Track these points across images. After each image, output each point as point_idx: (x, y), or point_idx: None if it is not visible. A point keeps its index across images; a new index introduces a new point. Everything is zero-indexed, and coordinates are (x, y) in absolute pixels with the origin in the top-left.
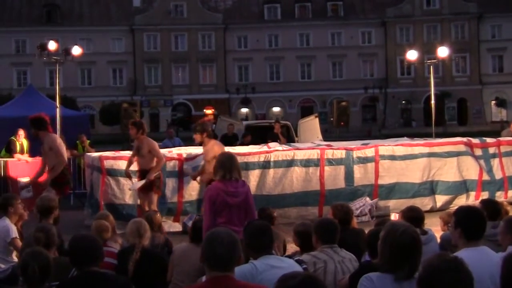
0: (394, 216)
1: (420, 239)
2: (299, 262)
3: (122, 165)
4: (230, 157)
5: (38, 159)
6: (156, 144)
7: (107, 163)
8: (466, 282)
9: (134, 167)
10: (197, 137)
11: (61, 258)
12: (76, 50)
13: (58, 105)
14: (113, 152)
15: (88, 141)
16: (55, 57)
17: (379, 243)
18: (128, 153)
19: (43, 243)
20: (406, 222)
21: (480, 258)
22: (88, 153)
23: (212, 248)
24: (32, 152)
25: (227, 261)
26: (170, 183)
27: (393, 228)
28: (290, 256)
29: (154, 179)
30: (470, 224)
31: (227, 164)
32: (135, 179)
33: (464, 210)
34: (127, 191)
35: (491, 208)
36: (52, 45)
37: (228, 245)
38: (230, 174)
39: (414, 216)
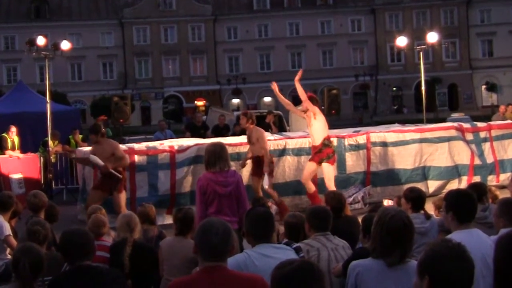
0: (387, 203)
1: (411, 224)
2: (297, 250)
3: None
4: (219, 147)
5: (29, 155)
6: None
7: None
8: (468, 268)
9: None
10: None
11: (54, 253)
12: (65, 45)
13: (48, 101)
14: None
15: (81, 136)
16: (44, 53)
17: (372, 228)
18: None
19: (43, 235)
20: (398, 207)
21: (472, 240)
22: (80, 148)
23: (206, 238)
24: (23, 149)
25: (220, 251)
26: (162, 175)
27: (384, 212)
28: (288, 244)
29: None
30: (461, 207)
31: (216, 155)
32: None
33: (454, 194)
34: None
35: (478, 191)
36: (41, 41)
37: (221, 235)
38: (219, 165)
39: (416, 197)
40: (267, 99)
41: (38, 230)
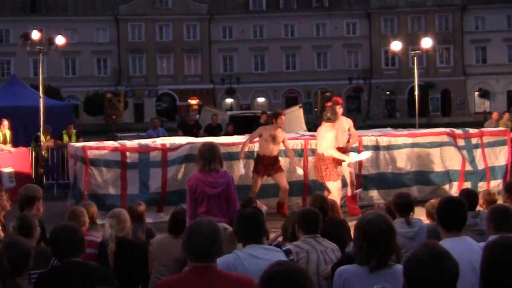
0: (377, 206)
1: (389, 229)
2: (287, 252)
3: (105, 155)
4: (210, 147)
5: (21, 150)
6: None
7: (91, 153)
8: (448, 277)
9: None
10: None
11: (42, 247)
12: (60, 40)
13: (41, 95)
14: (96, 142)
15: (75, 131)
16: (38, 47)
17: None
18: (112, 143)
19: (31, 229)
20: (379, 212)
21: (460, 249)
22: (72, 143)
23: (194, 238)
24: (15, 143)
25: (208, 251)
26: (154, 174)
27: (362, 217)
28: (278, 245)
29: None
30: (447, 215)
31: (207, 155)
32: None
33: (442, 201)
34: (111, 181)
35: (469, 198)
36: (35, 35)
37: (209, 236)
38: (210, 165)
39: (403, 202)
40: (261, 99)
41: (25, 224)
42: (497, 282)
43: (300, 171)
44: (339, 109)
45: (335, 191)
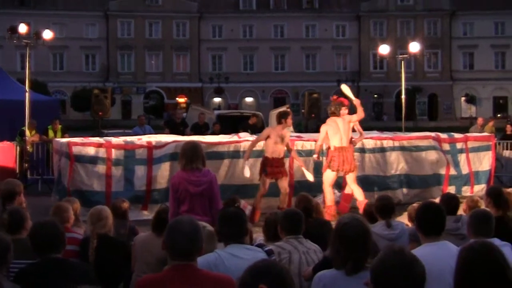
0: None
1: (366, 232)
2: (269, 253)
3: (90, 151)
4: (193, 146)
5: (5, 144)
6: None
7: (76, 149)
8: (413, 282)
9: None
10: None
11: (24, 240)
12: (47, 34)
13: (27, 89)
14: (82, 138)
15: (60, 127)
16: (25, 40)
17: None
18: (97, 140)
19: (12, 222)
20: (356, 216)
21: (439, 253)
22: (57, 139)
23: (174, 237)
24: (0, 137)
25: (188, 250)
26: (139, 171)
27: (339, 221)
28: (260, 245)
29: None
30: (425, 220)
31: (189, 153)
32: None
33: (421, 207)
34: (95, 177)
35: (450, 202)
36: (22, 28)
37: (189, 235)
38: (192, 164)
39: (384, 204)
40: (249, 99)
41: (17, 216)
42: (470, 286)
43: (306, 173)
44: (345, 110)
45: (326, 182)
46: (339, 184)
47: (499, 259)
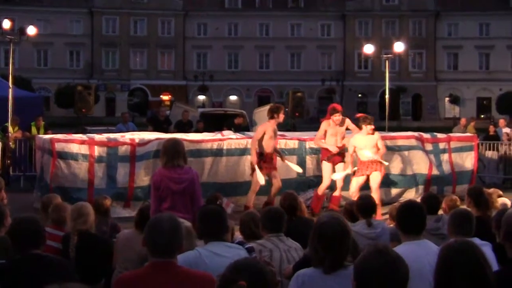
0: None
1: (345, 230)
2: (249, 250)
3: (73, 148)
4: (174, 143)
5: None
6: None
7: (58, 146)
8: (396, 281)
9: None
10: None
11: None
12: (31, 30)
13: (10, 86)
14: (64, 135)
15: (43, 123)
16: (9, 36)
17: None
18: (80, 136)
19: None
20: (335, 214)
21: (419, 252)
22: (40, 135)
23: (153, 234)
24: None
25: (168, 247)
26: (122, 169)
27: (317, 220)
28: (240, 243)
29: None
30: (405, 219)
31: (171, 151)
32: None
33: (401, 206)
34: (78, 174)
35: (431, 202)
36: (6, 24)
37: (169, 232)
38: (173, 161)
39: (365, 203)
40: (233, 97)
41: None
42: (450, 284)
43: (293, 166)
44: (339, 116)
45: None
46: (332, 187)
47: (479, 258)
